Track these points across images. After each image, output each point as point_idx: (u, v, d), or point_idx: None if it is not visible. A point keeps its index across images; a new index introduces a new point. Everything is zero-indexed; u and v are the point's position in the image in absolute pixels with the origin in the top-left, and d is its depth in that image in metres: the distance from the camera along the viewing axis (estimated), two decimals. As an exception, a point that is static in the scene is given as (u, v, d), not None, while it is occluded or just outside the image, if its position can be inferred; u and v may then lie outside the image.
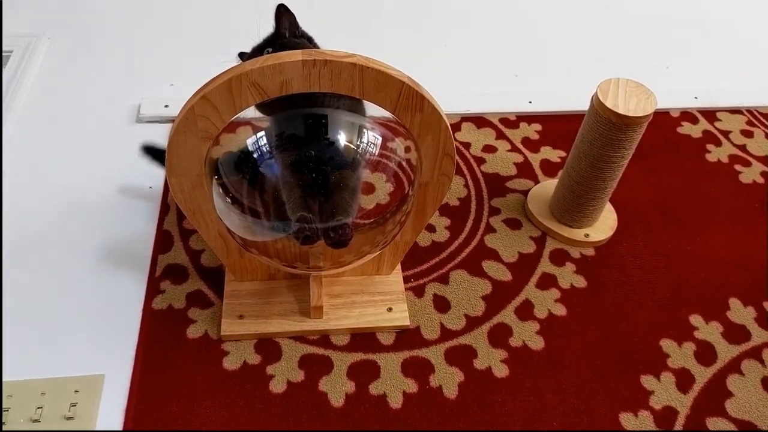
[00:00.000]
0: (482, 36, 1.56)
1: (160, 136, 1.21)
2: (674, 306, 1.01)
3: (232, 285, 0.97)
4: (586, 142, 0.98)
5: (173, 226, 1.06)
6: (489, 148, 1.24)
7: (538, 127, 1.30)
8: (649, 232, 1.12)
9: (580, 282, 1.03)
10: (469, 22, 1.61)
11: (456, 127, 1.28)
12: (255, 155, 0.78)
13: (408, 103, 0.74)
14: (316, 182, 0.77)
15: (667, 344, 0.96)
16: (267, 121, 0.81)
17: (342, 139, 0.78)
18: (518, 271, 1.04)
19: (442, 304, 0.98)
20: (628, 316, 0.99)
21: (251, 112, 0.75)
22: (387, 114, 0.74)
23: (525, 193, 1.16)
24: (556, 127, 1.30)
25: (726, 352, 0.96)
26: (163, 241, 1.03)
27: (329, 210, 0.76)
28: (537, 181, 1.19)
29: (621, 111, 0.91)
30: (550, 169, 1.22)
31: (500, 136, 1.27)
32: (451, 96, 1.32)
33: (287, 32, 0.84)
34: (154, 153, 1.10)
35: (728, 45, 1.61)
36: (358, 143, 0.79)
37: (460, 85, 1.39)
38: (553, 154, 1.24)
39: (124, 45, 1.45)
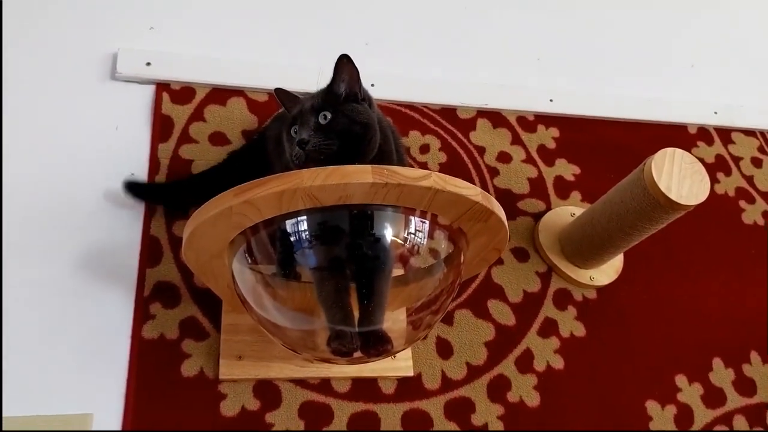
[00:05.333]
0: (505, 14, 1.36)
1: (140, 100, 1.04)
2: (663, 365, 1.04)
3: (230, 317, 0.89)
4: (623, 207, 0.92)
5: (161, 231, 0.94)
6: (503, 157, 1.16)
7: (555, 132, 1.21)
8: (651, 277, 1.12)
9: (580, 330, 1.03)
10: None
11: (471, 123, 1.17)
12: (292, 238, 0.67)
13: (474, 215, 0.66)
14: (360, 290, 0.69)
15: (651, 406, 1.00)
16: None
17: (388, 234, 0.69)
18: (522, 314, 1.02)
19: (445, 349, 0.96)
20: (621, 373, 1.01)
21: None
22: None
23: (535, 216, 1.11)
24: (573, 136, 1.21)
25: (702, 416, 1.01)
26: (150, 252, 0.92)
27: (367, 317, 0.69)
28: (549, 204, 1.13)
29: (673, 197, 0.85)
30: (563, 188, 1.16)
31: (516, 140, 1.18)
32: (470, 83, 1.20)
33: (344, 89, 0.71)
34: (139, 190, 0.94)
35: (755, 60, 1.51)
36: (405, 236, 0.70)
37: (479, 69, 1.25)
38: (567, 171, 1.18)
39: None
